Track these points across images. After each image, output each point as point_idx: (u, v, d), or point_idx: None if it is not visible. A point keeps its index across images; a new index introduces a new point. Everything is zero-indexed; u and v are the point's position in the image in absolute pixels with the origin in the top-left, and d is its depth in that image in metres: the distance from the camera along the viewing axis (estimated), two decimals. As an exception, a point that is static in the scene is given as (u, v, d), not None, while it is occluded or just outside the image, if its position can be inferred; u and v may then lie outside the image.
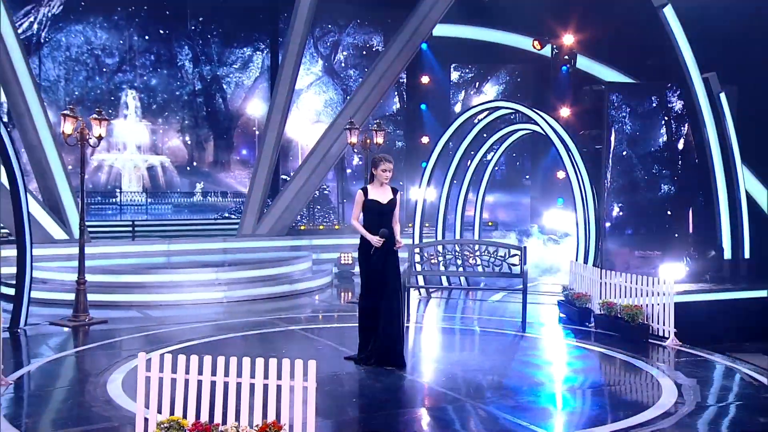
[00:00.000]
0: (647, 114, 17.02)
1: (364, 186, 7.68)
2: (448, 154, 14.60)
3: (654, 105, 17.06)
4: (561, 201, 19.25)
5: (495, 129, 15.16)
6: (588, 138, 17.27)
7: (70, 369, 8.06)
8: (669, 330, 8.97)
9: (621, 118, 16.77)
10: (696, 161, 16.07)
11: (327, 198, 25.10)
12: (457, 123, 14.28)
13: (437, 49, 22.98)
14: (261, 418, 4.73)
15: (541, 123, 12.83)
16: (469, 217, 15.91)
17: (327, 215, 23.80)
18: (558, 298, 11.43)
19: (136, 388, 5.01)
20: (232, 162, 32.55)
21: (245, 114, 31.76)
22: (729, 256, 15.34)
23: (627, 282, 9.63)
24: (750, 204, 15.70)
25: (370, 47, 29.64)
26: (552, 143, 13.01)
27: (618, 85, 17.69)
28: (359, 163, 27.40)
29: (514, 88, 27.24)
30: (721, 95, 15.53)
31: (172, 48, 31.01)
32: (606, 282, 9.94)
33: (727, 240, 15.38)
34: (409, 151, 25.55)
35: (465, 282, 13.31)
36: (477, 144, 14.95)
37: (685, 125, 16.61)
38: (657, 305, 9.18)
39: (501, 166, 24.24)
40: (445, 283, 13.31)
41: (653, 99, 17.04)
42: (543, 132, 13.06)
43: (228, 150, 32.49)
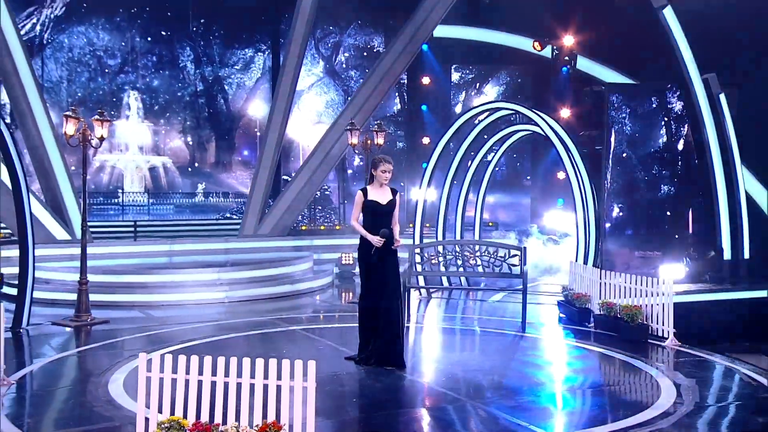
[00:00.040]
0: (647, 115, 17.02)
1: (363, 187, 7.67)
2: (448, 154, 14.59)
3: (654, 106, 17.05)
4: (561, 201, 19.25)
5: (495, 130, 15.14)
6: (588, 139, 17.29)
7: (71, 369, 8.08)
8: (668, 330, 8.97)
9: (621, 118, 16.77)
10: (696, 162, 16.02)
11: (328, 198, 25.12)
12: (458, 124, 14.25)
13: (438, 50, 22.98)
14: (261, 418, 4.74)
15: (541, 124, 12.82)
16: (470, 218, 15.91)
17: (328, 216, 23.81)
18: (558, 298, 11.42)
19: (137, 388, 5.03)
20: (233, 162, 32.57)
21: (247, 115, 31.78)
22: (729, 256, 15.30)
23: (626, 282, 9.61)
24: (750, 204, 15.67)
25: (371, 48, 29.66)
26: (552, 144, 13.00)
27: (618, 86, 17.66)
28: (360, 164, 27.44)
29: (514, 89, 27.21)
30: (721, 96, 15.50)
31: (174, 49, 31.07)
32: (605, 282, 9.92)
33: (727, 240, 15.34)
34: (410, 152, 25.55)
35: (465, 282, 13.30)
36: (477, 145, 14.93)
37: (685, 126, 16.58)
38: (656, 306, 9.17)
39: (501, 166, 24.22)
40: (446, 284, 13.30)
41: (653, 100, 17.03)
42: (543, 133, 13.05)
43: (229, 151, 32.52)
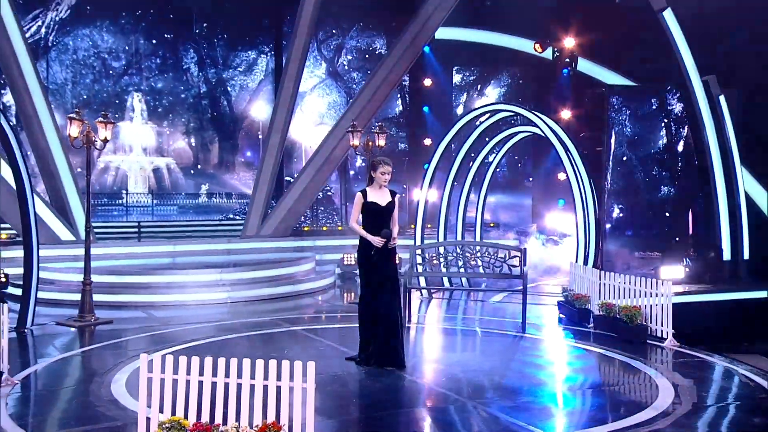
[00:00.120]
0: (647, 116, 17.06)
1: (363, 188, 7.68)
2: (450, 156, 14.60)
3: (654, 107, 17.10)
4: (562, 202, 19.27)
5: (496, 131, 15.13)
6: (588, 140, 17.27)
7: (75, 369, 8.12)
8: (667, 331, 8.99)
9: (621, 120, 16.82)
10: (696, 163, 16.04)
11: (330, 199, 25.18)
12: (459, 125, 14.23)
13: (439, 52, 22.99)
14: (261, 418, 4.76)
15: (541, 125, 12.82)
16: (471, 218, 15.92)
17: (330, 216, 23.85)
18: (558, 299, 11.44)
19: (139, 388, 5.08)
20: (236, 164, 32.63)
21: (250, 116, 31.84)
22: (728, 257, 15.32)
23: (626, 283, 9.62)
24: (749, 205, 15.68)
25: (373, 50, 29.69)
26: (553, 145, 12.99)
27: (618, 88, 17.69)
28: (362, 165, 27.51)
29: (515, 90, 27.20)
30: (721, 98, 15.50)
31: (177, 51, 31.15)
32: (605, 283, 9.92)
33: (727, 241, 15.36)
34: (412, 153, 25.60)
35: (466, 283, 13.32)
36: (478, 146, 14.93)
37: (685, 127, 16.60)
38: (655, 306, 9.19)
39: (502, 167, 24.24)
40: (447, 284, 13.30)
41: (653, 101, 17.08)
42: (543, 134, 13.06)
43: (233, 152, 32.58)
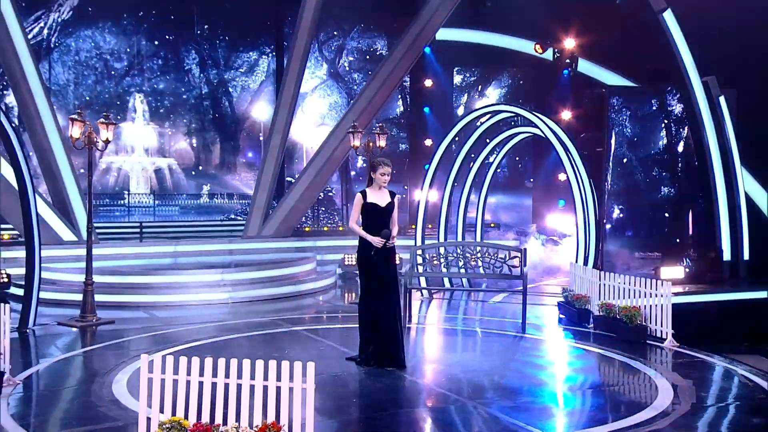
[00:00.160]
0: (647, 117, 17.07)
1: (362, 189, 7.71)
2: (450, 156, 14.63)
3: (654, 108, 17.11)
4: (562, 203, 19.29)
5: (497, 132, 15.13)
6: (589, 140, 17.29)
7: (77, 369, 8.15)
8: (666, 331, 9.01)
9: (621, 121, 16.83)
10: (696, 164, 16.04)
11: (331, 200, 25.20)
12: (459, 126, 14.25)
13: (440, 53, 23.02)
14: (261, 418, 4.78)
15: (541, 126, 12.84)
16: (472, 219, 15.94)
17: (331, 217, 23.87)
18: (558, 299, 11.45)
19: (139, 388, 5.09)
20: (238, 164, 32.66)
21: (251, 117, 31.87)
22: (728, 257, 15.34)
23: (625, 284, 9.63)
24: (749, 206, 15.70)
25: (374, 51, 29.72)
26: (553, 146, 13.04)
27: (618, 89, 17.70)
28: (363, 166, 27.53)
29: (516, 91, 27.21)
30: (721, 98, 15.53)
31: (179, 52, 31.20)
32: (604, 283, 9.92)
33: (727, 242, 15.38)
34: (413, 154, 25.65)
35: (467, 283, 13.34)
36: (479, 146, 14.95)
37: (685, 128, 16.61)
38: (655, 307, 9.21)
39: (503, 168, 24.25)
40: (447, 285, 13.32)
41: (653, 102, 17.08)
42: (543, 135, 13.08)
43: (234, 152, 32.62)
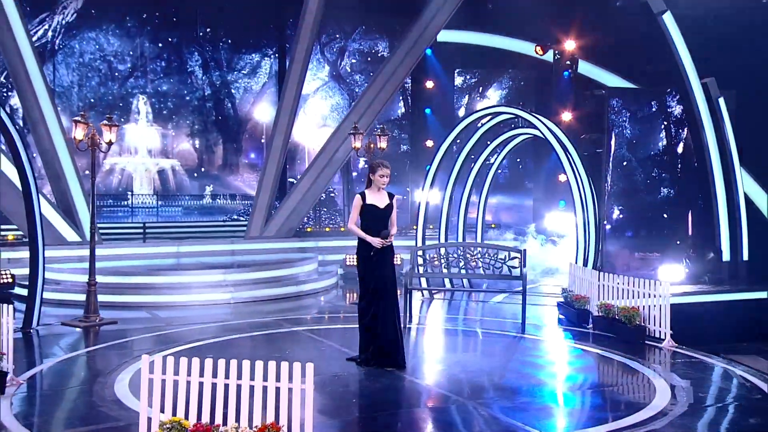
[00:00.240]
0: (647, 118, 17.11)
1: (361, 191, 7.77)
2: (452, 157, 14.69)
3: (654, 109, 17.16)
4: (563, 203, 19.32)
5: (498, 133, 15.15)
6: (589, 142, 17.33)
7: (80, 369, 8.20)
8: (665, 332, 9.05)
9: (621, 122, 16.88)
10: (695, 165, 16.02)
11: (333, 200, 25.21)
12: (459, 128, 14.30)
13: (441, 55, 23.09)
14: (261, 419, 4.82)
15: (541, 128, 12.85)
16: (472, 219, 15.98)
17: (333, 217, 23.88)
18: (558, 299, 11.48)
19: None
20: (240, 165, 32.72)
21: (253, 118, 31.92)
22: (727, 258, 15.33)
23: (624, 284, 9.67)
24: (748, 206, 15.69)
25: (375, 53, 29.74)
26: (553, 146, 13.07)
27: (618, 90, 17.75)
28: (365, 167, 27.55)
29: (516, 92, 27.19)
30: (720, 100, 15.51)
31: (182, 54, 31.27)
32: (604, 284, 9.95)
33: (726, 242, 15.37)
34: (414, 155, 25.69)
35: (467, 284, 13.38)
36: (480, 147, 14.99)
37: (685, 129, 16.64)
38: (653, 307, 9.24)
39: (504, 169, 24.26)
40: (448, 285, 13.35)
41: (653, 104, 17.13)
42: (543, 136, 13.12)
43: (236, 153, 32.67)
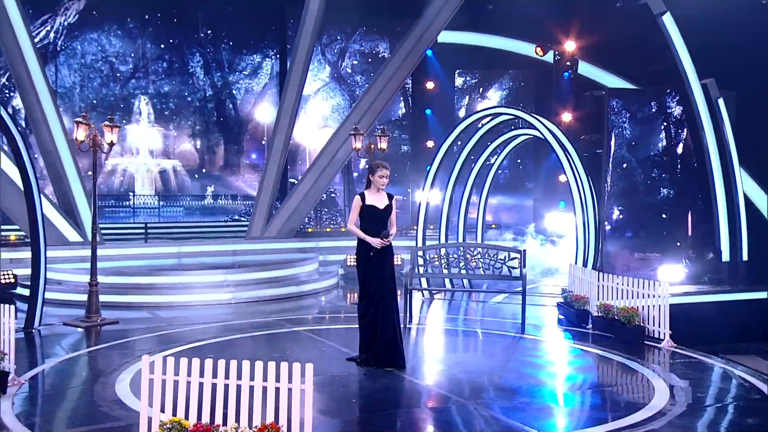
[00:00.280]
0: (647, 119, 17.14)
1: (361, 192, 7.82)
2: (452, 158, 14.73)
3: (653, 110, 17.17)
4: (563, 204, 19.35)
5: (498, 133, 15.18)
6: (589, 142, 17.36)
7: (81, 369, 8.24)
8: (664, 332, 9.07)
9: (621, 123, 16.90)
10: (695, 165, 16.02)
11: (334, 201, 25.23)
12: (460, 128, 14.33)
13: (442, 56, 23.09)
14: (260, 419, 4.85)
15: (541, 128, 12.88)
16: (472, 220, 16.01)
17: (334, 218, 23.91)
18: (558, 299, 11.51)
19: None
20: (241, 166, 32.72)
21: (254, 119, 31.94)
22: (727, 258, 15.34)
23: (623, 284, 9.70)
24: (748, 207, 15.71)
25: (376, 54, 29.75)
26: (553, 147, 13.10)
27: (618, 91, 17.74)
28: (365, 167, 27.59)
29: (517, 93, 27.16)
30: (720, 100, 15.52)
31: (183, 55, 31.28)
32: (603, 284, 9.98)
33: (726, 242, 15.38)
34: (415, 155, 25.71)
35: (467, 284, 13.40)
36: (480, 148, 15.01)
37: (684, 130, 16.65)
38: (652, 308, 9.27)
39: (504, 169, 24.24)
40: (448, 285, 13.38)
41: (653, 104, 17.14)
42: (543, 137, 13.16)
43: (238, 154, 32.67)
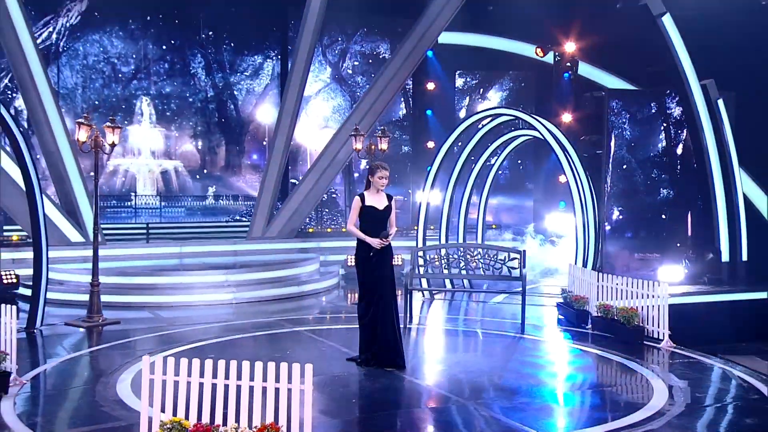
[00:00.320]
0: (647, 120, 17.17)
1: (360, 193, 7.88)
2: (452, 158, 14.76)
3: (653, 111, 17.19)
4: (563, 204, 19.38)
5: (498, 134, 15.22)
6: (589, 143, 17.38)
7: (83, 369, 8.27)
8: (663, 332, 9.10)
9: (621, 123, 16.92)
10: (694, 166, 16.05)
11: (335, 201, 25.29)
12: (460, 129, 14.37)
13: (442, 57, 23.13)
14: (260, 419, 4.88)
15: (541, 129, 12.91)
16: (473, 220, 16.05)
17: (335, 218, 23.95)
18: (557, 300, 11.53)
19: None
20: (243, 166, 32.77)
21: (256, 120, 32.01)
22: (727, 258, 15.38)
23: (623, 285, 9.73)
24: (747, 207, 15.75)
25: (377, 55, 29.82)
26: (552, 148, 13.14)
27: (618, 92, 17.77)
28: (366, 168, 27.62)
29: (517, 94, 27.19)
30: (719, 101, 15.56)
31: (185, 56, 31.35)
32: (602, 285, 10.01)
33: (725, 243, 15.42)
34: (415, 156, 25.75)
35: (468, 284, 13.44)
36: (480, 148, 15.04)
37: (684, 131, 16.69)
38: (651, 308, 9.29)
39: (504, 170, 24.29)
40: (448, 286, 13.40)
41: (652, 105, 17.16)
42: (543, 138, 13.19)
43: (239, 155, 32.72)
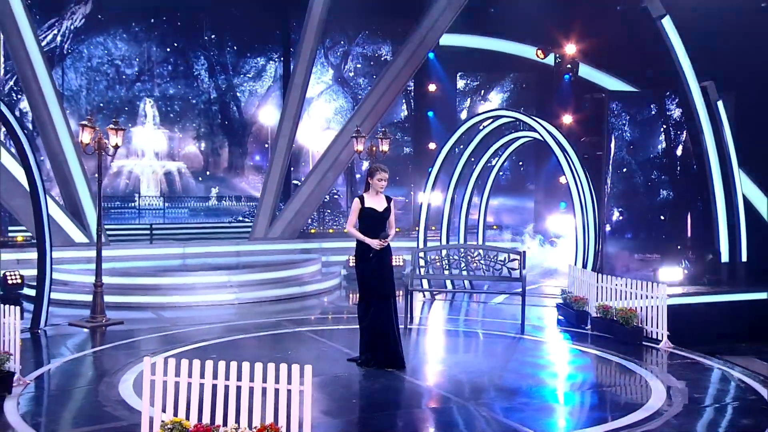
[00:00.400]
0: (647, 121, 17.22)
1: (360, 194, 7.95)
2: (453, 159, 14.81)
3: (653, 112, 17.24)
4: (563, 205, 19.43)
5: (499, 135, 15.25)
6: (589, 144, 17.41)
7: (86, 369, 8.33)
8: (662, 333, 9.14)
9: (621, 125, 16.99)
10: (694, 167, 16.10)
11: (337, 202, 25.39)
12: (461, 130, 14.39)
13: (444, 58, 23.18)
14: (260, 420, 4.92)
15: (541, 131, 12.93)
16: (473, 221, 16.11)
17: (337, 219, 24.03)
18: (557, 300, 11.57)
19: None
20: (245, 167, 32.90)
21: (258, 121, 32.12)
22: (726, 259, 15.43)
23: (622, 286, 9.76)
24: (747, 208, 15.79)
25: (378, 56, 29.92)
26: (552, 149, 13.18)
27: (618, 93, 17.84)
28: (368, 169, 27.66)
29: (518, 95, 27.27)
30: (719, 103, 15.61)
31: (188, 58, 31.51)
32: (602, 285, 10.04)
33: (725, 244, 15.46)
34: (416, 157, 25.80)
35: (468, 285, 13.49)
36: (481, 150, 15.08)
37: (684, 132, 16.73)
38: (651, 309, 9.34)
39: (505, 171, 24.35)
40: (449, 286, 13.41)
41: (652, 107, 17.21)
42: (543, 139, 13.24)
43: (242, 156, 32.86)
